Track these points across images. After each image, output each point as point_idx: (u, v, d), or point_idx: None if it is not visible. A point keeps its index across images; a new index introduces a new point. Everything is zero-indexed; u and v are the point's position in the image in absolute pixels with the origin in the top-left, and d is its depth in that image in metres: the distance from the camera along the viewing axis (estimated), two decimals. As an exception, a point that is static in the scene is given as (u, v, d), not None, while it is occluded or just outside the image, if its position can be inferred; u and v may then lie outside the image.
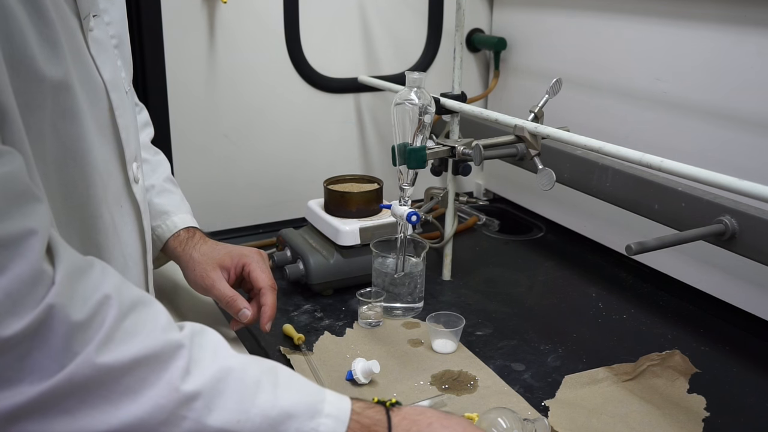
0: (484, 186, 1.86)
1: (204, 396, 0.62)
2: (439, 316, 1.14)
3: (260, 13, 1.52)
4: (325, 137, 1.67)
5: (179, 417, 0.60)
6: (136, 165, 0.88)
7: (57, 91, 0.68)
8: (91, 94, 0.77)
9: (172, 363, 0.61)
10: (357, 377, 1.00)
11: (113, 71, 0.81)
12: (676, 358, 1.06)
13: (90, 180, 0.76)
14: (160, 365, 0.61)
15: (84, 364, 0.57)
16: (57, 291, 0.57)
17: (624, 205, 1.23)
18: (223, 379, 0.63)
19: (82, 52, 0.75)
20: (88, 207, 0.77)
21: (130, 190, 0.87)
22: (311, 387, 0.69)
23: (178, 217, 1.13)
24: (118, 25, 0.86)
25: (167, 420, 0.60)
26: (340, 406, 0.68)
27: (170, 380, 0.61)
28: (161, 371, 0.61)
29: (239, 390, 0.64)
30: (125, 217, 0.86)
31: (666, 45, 1.29)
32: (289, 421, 0.64)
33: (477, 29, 1.76)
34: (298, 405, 0.66)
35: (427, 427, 0.71)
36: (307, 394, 0.68)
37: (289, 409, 0.65)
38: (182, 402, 0.61)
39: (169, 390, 0.60)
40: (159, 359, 0.61)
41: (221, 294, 1.03)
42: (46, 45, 0.66)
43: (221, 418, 0.62)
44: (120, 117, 0.82)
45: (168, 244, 1.11)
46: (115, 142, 0.82)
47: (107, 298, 0.60)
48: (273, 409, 0.64)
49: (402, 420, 0.71)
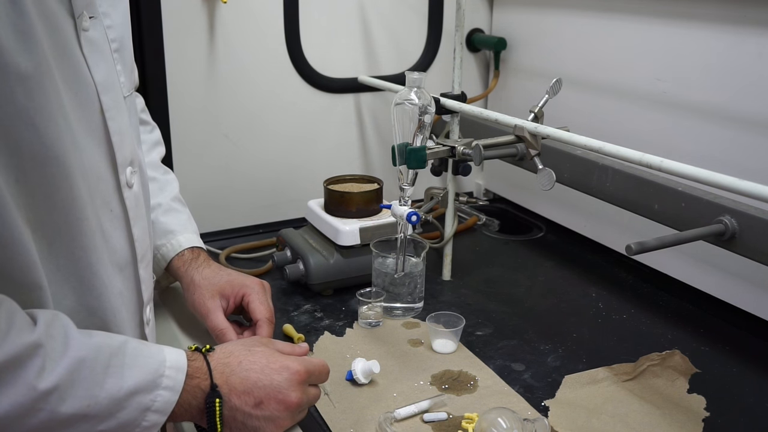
0: (484, 186, 1.86)
1: (59, 389, 0.68)
2: (439, 316, 1.14)
3: (260, 13, 1.52)
4: (325, 137, 1.67)
5: (36, 410, 0.67)
6: (131, 170, 0.86)
7: (26, 84, 0.67)
8: (79, 94, 0.75)
9: (29, 362, 0.66)
10: (357, 377, 1.00)
11: (107, 73, 0.80)
12: (676, 358, 1.06)
13: (74, 181, 0.74)
14: (16, 367, 0.66)
15: None
16: None
17: (624, 205, 1.23)
18: (75, 371, 0.70)
19: (71, 50, 0.74)
20: (72, 209, 0.75)
21: (121, 195, 0.85)
22: (154, 361, 0.78)
23: (184, 237, 1.14)
24: (119, 29, 0.85)
25: (24, 414, 0.66)
26: (175, 377, 0.78)
27: (27, 381, 0.66)
28: (18, 373, 0.66)
29: (89, 378, 0.71)
30: (114, 222, 0.84)
31: (666, 45, 1.29)
32: (131, 398, 0.74)
33: (477, 29, 1.76)
34: (141, 382, 0.75)
35: (237, 366, 0.84)
36: (149, 370, 0.76)
37: (133, 387, 0.74)
38: (39, 398, 0.67)
39: (27, 389, 0.66)
40: (15, 363, 0.66)
41: (213, 325, 1.06)
42: (17, 36, 0.65)
43: (73, 406, 0.69)
44: (111, 120, 0.80)
45: (172, 263, 1.12)
46: (106, 144, 0.81)
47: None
48: (120, 390, 0.73)
49: (217, 364, 0.83)
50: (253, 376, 0.84)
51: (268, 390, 0.83)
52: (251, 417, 0.83)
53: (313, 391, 0.90)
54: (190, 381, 0.80)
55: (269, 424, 0.84)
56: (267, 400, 0.83)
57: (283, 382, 0.85)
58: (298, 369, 0.87)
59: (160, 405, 0.77)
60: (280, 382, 0.84)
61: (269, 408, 0.83)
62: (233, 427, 0.83)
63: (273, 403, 0.83)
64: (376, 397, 0.98)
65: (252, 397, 0.83)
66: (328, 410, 0.95)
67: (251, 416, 0.83)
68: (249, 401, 0.83)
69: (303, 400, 0.86)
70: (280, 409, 0.84)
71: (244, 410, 0.83)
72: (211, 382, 0.82)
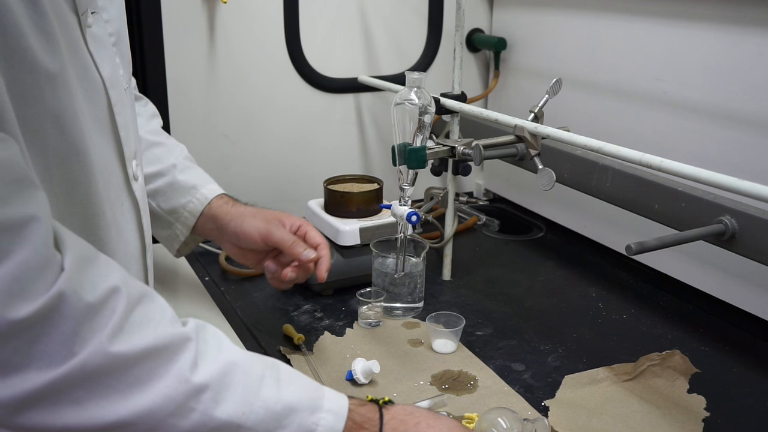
0: (484, 186, 1.86)
1: (212, 388, 0.63)
2: (439, 316, 1.14)
3: (260, 14, 1.52)
4: (325, 137, 1.67)
5: (188, 409, 0.61)
6: (136, 163, 0.88)
7: (54, 84, 0.68)
8: (90, 91, 0.76)
9: (181, 355, 0.62)
10: (357, 377, 1.00)
11: (112, 68, 0.81)
12: (676, 358, 1.06)
13: (91, 177, 0.76)
14: (170, 356, 0.61)
15: (96, 352, 0.57)
16: (67, 277, 0.57)
17: (624, 205, 1.23)
18: (229, 372, 0.64)
19: (80, 47, 0.75)
20: (91, 204, 0.77)
21: (129, 188, 0.87)
22: (312, 384, 0.71)
23: (208, 188, 1.14)
24: (116, 22, 0.86)
25: (176, 411, 0.61)
26: (339, 402, 0.71)
27: (180, 371, 0.61)
28: (171, 362, 0.61)
29: (244, 383, 0.65)
30: (126, 215, 0.86)
31: (666, 45, 1.29)
32: (291, 415, 0.66)
33: (477, 29, 1.76)
34: (300, 400, 0.68)
35: (414, 427, 0.74)
36: (308, 390, 0.70)
37: (292, 404, 0.67)
38: (191, 394, 0.61)
39: (179, 381, 0.61)
40: (169, 350, 0.62)
41: (281, 239, 1.04)
42: (42, 37, 0.66)
43: (228, 410, 0.63)
44: (119, 114, 0.82)
45: (205, 213, 1.11)
46: (115, 139, 0.82)
47: (116, 288, 0.61)
48: (277, 403, 0.66)
49: (391, 419, 0.74)
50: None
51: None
52: None
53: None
54: (359, 429, 0.71)
55: None
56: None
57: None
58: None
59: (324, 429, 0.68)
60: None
61: None
62: None
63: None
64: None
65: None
66: (328, 410, 0.95)
67: None
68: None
69: None
70: None
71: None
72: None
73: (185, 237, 1.14)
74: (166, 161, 1.13)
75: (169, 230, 1.14)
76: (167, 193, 1.12)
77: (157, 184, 1.12)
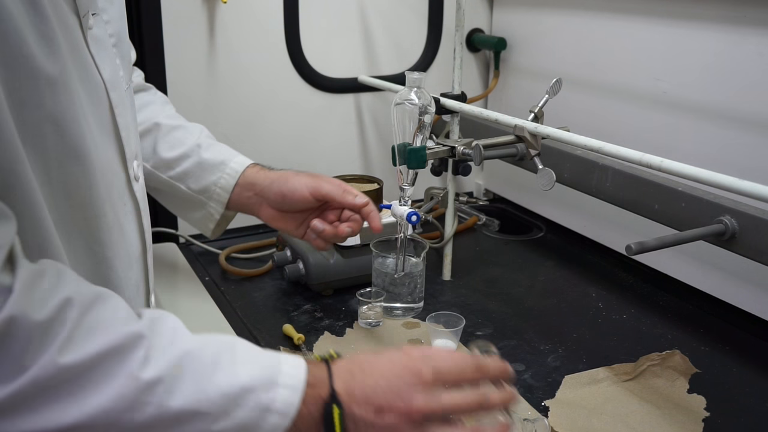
0: (484, 186, 1.86)
1: (165, 380, 0.64)
2: (439, 316, 1.14)
3: (260, 14, 1.52)
4: (325, 137, 1.67)
5: (142, 403, 0.63)
6: (137, 163, 0.88)
7: (54, 88, 0.68)
8: (91, 93, 0.76)
9: (132, 353, 0.64)
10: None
11: (113, 70, 0.81)
12: (676, 358, 1.06)
13: (92, 179, 0.76)
14: (120, 357, 0.63)
15: (47, 366, 0.59)
16: (15, 299, 0.58)
17: (624, 205, 1.23)
18: (180, 363, 0.66)
19: (81, 50, 0.75)
20: (92, 206, 0.77)
21: (131, 188, 0.87)
22: (268, 359, 0.71)
23: (236, 161, 1.14)
24: (116, 23, 0.86)
25: (131, 407, 0.63)
26: (296, 375, 0.70)
27: (130, 371, 0.63)
28: (121, 363, 0.63)
29: (198, 370, 0.66)
30: (128, 216, 0.86)
31: (666, 45, 1.29)
32: (247, 395, 0.67)
33: (477, 29, 1.76)
34: (255, 378, 0.68)
35: (360, 373, 0.73)
36: (264, 366, 0.70)
37: (247, 384, 0.67)
38: (143, 389, 0.63)
39: (130, 380, 0.63)
40: (118, 352, 0.63)
41: (330, 190, 1.04)
42: (43, 41, 0.66)
43: (182, 399, 0.64)
44: (120, 116, 0.82)
45: (239, 184, 1.11)
46: (116, 140, 0.83)
47: (67, 299, 0.62)
48: (232, 385, 0.67)
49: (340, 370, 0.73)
50: (372, 381, 0.72)
51: (388, 395, 0.71)
52: (373, 427, 0.71)
53: (449, 397, 0.72)
54: (311, 390, 0.70)
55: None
56: (387, 406, 0.71)
57: (403, 385, 0.71)
58: (420, 369, 0.72)
59: (281, 405, 0.68)
60: (401, 385, 0.71)
61: (390, 415, 0.71)
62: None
63: (393, 408, 0.71)
64: (376, 397, 0.98)
65: (372, 405, 0.71)
66: (328, 410, 0.95)
67: (373, 426, 0.71)
68: (369, 409, 0.71)
69: (428, 406, 0.71)
70: (399, 416, 0.71)
71: (366, 419, 0.71)
72: (330, 389, 0.71)
73: (219, 215, 1.15)
74: (189, 142, 1.13)
75: (203, 210, 1.15)
76: (196, 173, 1.13)
77: (185, 166, 1.13)
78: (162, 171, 1.15)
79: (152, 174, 1.15)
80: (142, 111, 1.15)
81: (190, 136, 1.15)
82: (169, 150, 1.13)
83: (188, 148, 1.13)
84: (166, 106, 1.21)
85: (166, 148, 1.14)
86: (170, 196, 1.17)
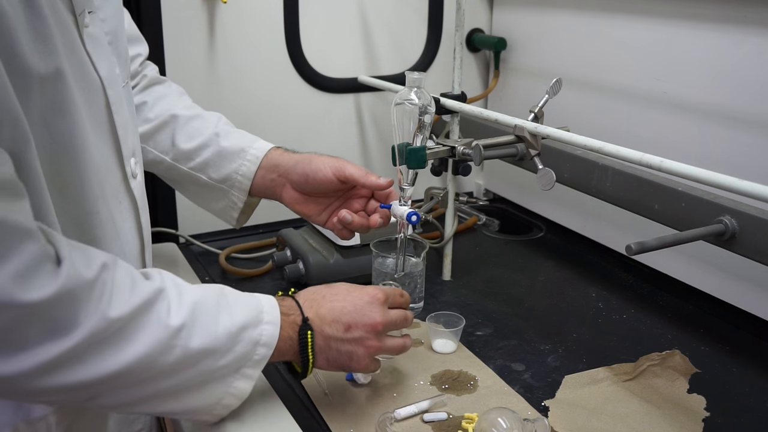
0: (484, 186, 1.86)
1: (186, 326, 0.75)
2: (439, 316, 1.14)
3: (260, 13, 1.52)
4: (325, 137, 1.66)
5: (171, 346, 0.74)
6: (134, 161, 0.88)
7: (44, 85, 0.69)
8: (87, 90, 0.77)
9: (158, 305, 0.74)
10: (357, 377, 1.00)
11: (109, 67, 0.82)
12: (676, 358, 1.06)
13: (85, 176, 0.76)
14: (151, 308, 0.73)
15: (99, 320, 0.68)
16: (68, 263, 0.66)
17: (624, 205, 1.23)
18: (195, 310, 0.77)
19: (77, 47, 0.75)
20: (85, 202, 0.77)
21: (128, 185, 0.87)
22: (252, 301, 0.85)
23: (256, 147, 1.13)
24: (111, 21, 0.86)
25: (163, 351, 0.73)
26: (273, 312, 0.85)
27: (160, 319, 0.74)
28: (153, 313, 0.73)
29: (207, 316, 0.78)
30: (124, 213, 0.86)
31: (666, 45, 1.29)
32: (243, 332, 0.81)
33: (477, 29, 1.76)
34: (247, 318, 0.82)
35: (321, 299, 0.90)
36: (250, 307, 0.84)
37: (242, 323, 0.81)
38: (172, 334, 0.74)
39: (161, 327, 0.73)
40: (150, 304, 0.73)
41: (353, 172, 1.06)
42: (38, 39, 0.67)
43: (200, 340, 0.76)
44: (117, 113, 0.82)
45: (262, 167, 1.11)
46: (113, 138, 0.83)
47: (104, 263, 0.71)
48: (232, 325, 0.80)
49: (305, 300, 0.90)
50: (338, 305, 0.90)
51: (354, 315, 0.89)
52: (343, 342, 0.89)
53: (394, 313, 0.93)
54: (286, 318, 0.86)
55: (359, 347, 0.89)
56: (354, 323, 0.89)
57: (365, 306, 0.90)
58: (376, 293, 0.93)
59: (266, 339, 0.83)
60: (363, 305, 0.90)
61: (357, 330, 0.89)
62: (329, 356, 0.89)
63: (360, 325, 0.89)
64: (376, 397, 0.98)
65: (341, 324, 0.89)
66: (328, 410, 0.95)
67: (343, 341, 0.89)
68: (339, 327, 0.88)
69: (386, 320, 0.91)
70: (367, 329, 0.89)
71: (336, 336, 0.88)
72: (302, 315, 0.88)
73: (242, 203, 1.14)
74: (207, 131, 1.13)
75: (225, 200, 1.14)
76: (216, 162, 1.12)
77: (204, 156, 1.12)
78: (182, 163, 1.14)
79: (172, 166, 1.14)
80: (158, 104, 1.15)
81: (208, 125, 1.14)
82: (188, 141, 1.13)
83: (207, 138, 1.13)
84: (182, 97, 1.20)
85: (184, 139, 1.13)
86: (192, 187, 1.16)
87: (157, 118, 1.14)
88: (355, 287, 0.94)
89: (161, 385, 0.75)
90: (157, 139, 1.14)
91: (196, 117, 1.15)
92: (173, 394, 0.78)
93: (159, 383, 0.75)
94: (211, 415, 0.84)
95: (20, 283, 0.63)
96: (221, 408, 0.84)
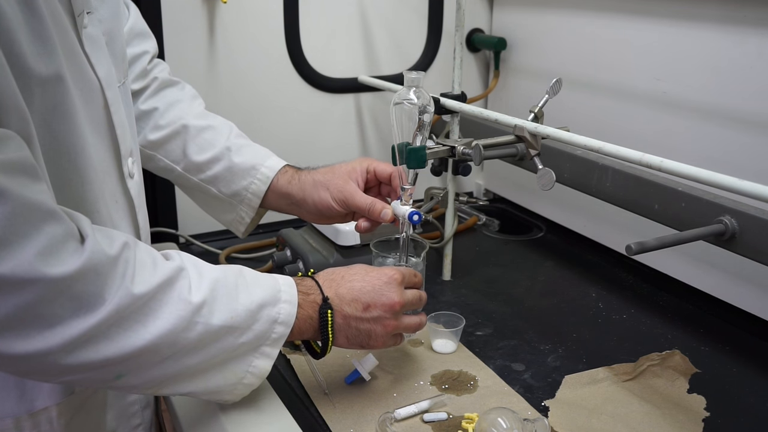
0: (484, 186, 1.86)
1: (207, 303, 0.77)
2: (439, 316, 1.14)
3: (260, 14, 1.52)
4: (325, 137, 1.67)
5: (193, 323, 0.76)
6: (131, 160, 0.89)
7: (45, 87, 0.69)
8: (85, 91, 0.77)
9: (180, 282, 0.76)
10: (362, 372, 1.00)
11: (108, 68, 0.82)
12: (676, 358, 1.06)
13: (85, 176, 0.77)
14: (173, 285, 0.75)
15: (124, 296, 0.70)
16: (92, 240, 0.68)
17: (624, 205, 1.23)
18: (215, 288, 0.79)
19: (75, 49, 0.75)
20: (84, 202, 0.78)
21: (125, 185, 0.87)
22: (270, 281, 0.87)
23: (266, 166, 1.13)
24: (108, 22, 0.86)
25: (186, 327, 0.75)
26: (291, 292, 0.87)
27: (182, 296, 0.75)
28: (175, 290, 0.75)
29: (227, 293, 0.80)
30: (121, 213, 0.87)
31: (666, 45, 1.29)
32: (262, 310, 0.83)
33: (477, 29, 1.76)
34: (265, 297, 0.84)
35: (340, 279, 0.93)
36: (269, 287, 0.86)
37: (261, 301, 0.83)
38: (194, 311, 0.76)
39: (184, 303, 0.75)
40: (172, 281, 0.75)
41: (360, 202, 1.07)
42: (38, 41, 0.67)
43: (220, 317, 0.78)
44: (115, 114, 0.82)
45: (273, 190, 1.12)
46: (111, 138, 0.83)
47: (125, 242, 0.73)
48: (252, 303, 0.82)
49: (324, 280, 0.93)
50: (357, 285, 0.92)
51: (372, 294, 0.92)
52: (362, 321, 0.91)
53: (410, 293, 0.96)
54: (306, 297, 0.89)
55: (377, 325, 0.92)
56: (373, 303, 0.91)
57: (383, 286, 0.93)
58: (393, 273, 0.95)
59: (284, 317, 0.85)
60: (381, 285, 0.93)
61: (376, 309, 0.91)
62: (349, 334, 0.92)
63: (378, 304, 0.92)
64: (376, 397, 0.98)
65: (360, 303, 0.91)
66: (328, 410, 0.95)
67: (362, 320, 0.91)
68: (358, 307, 0.91)
69: (403, 300, 0.94)
70: (385, 308, 0.92)
71: (355, 315, 0.91)
72: (322, 295, 0.90)
73: (250, 218, 1.15)
74: (219, 145, 1.13)
75: (233, 213, 1.15)
76: (226, 177, 1.12)
77: (215, 171, 1.12)
78: (192, 174, 1.14)
79: (183, 175, 1.14)
80: (170, 110, 1.14)
81: (220, 138, 1.14)
82: (199, 153, 1.12)
83: (218, 151, 1.12)
84: (194, 102, 1.19)
85: (195, 151, 1.13)
86: (201, 196, 1.17)
87: (169, 126, 1.13)
88: (372, 268, 0.96)
89: (184, 363, 0.77)
90: (168, 148, 1.14)
91: (208, 128, 1.14)
92: (196, 373, 0.79)
93: (182, 361, 0.76)
94: (233, 394, 0.86)
95: (45, 260, 0.64)
96: (242, 387, 0.85)
